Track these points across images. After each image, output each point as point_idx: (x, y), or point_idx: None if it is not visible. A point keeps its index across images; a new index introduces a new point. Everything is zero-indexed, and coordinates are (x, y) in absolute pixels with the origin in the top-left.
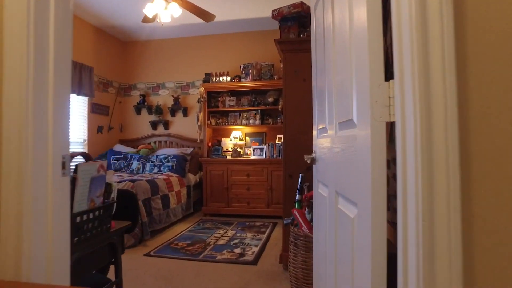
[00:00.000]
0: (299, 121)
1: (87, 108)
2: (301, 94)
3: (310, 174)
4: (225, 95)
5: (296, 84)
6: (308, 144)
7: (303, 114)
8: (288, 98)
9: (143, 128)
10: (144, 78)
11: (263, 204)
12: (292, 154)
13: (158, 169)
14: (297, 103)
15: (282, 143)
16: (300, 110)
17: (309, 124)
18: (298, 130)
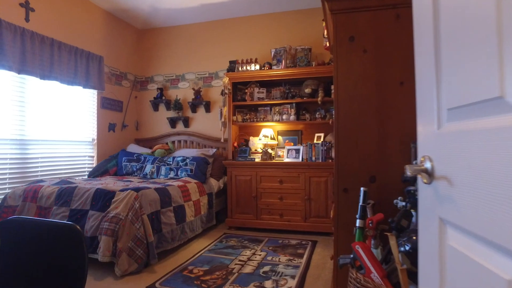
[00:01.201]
0: (357, 111)
1: (97, 103)
2: (361, 71)
3: (377, 187)
4: (254, 86)
5: (352, 57)
6: (372, 146)
7: (364, 101)
8: (341, 78)
9: (160, 125)
10: (161, 69)
11: (299, 217)
12: (347, 158)
13: (174, 173)
14: (354, 85)
15: (325, 143)
16: (359, 96)
17: (374, 115)
18: (357, 124)
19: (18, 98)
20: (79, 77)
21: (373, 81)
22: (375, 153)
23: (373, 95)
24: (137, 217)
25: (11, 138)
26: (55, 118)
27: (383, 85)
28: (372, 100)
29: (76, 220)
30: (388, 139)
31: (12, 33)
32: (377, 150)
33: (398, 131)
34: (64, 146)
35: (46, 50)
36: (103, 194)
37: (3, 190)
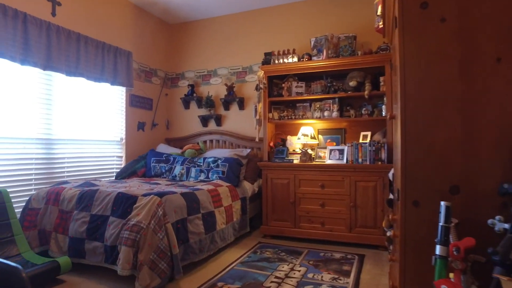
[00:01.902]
0: (432, 101)
1: (125, 101)
2: (437, 47)
3: (461, 201)
4: (291, 79)
5: (425, 29)
6: (453, 146)
7: (442, 87)
8: (410, 58)
9: (192, 124)
10: (193, 65)
11: (343, 227)
12: (419, 163)
13: (205, 175)
14: (427, 65)
15: (374, 142)
16: (435, 80)
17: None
18: (433, 118)
19: (44, 96)
20: (107, 73)
21: (455, 59)
22: (458, 156)
23: (455, 79)
24: (160, 226)
25: (37, 138)
26: (82, 116)
27: (470, 64)
28: (454, 86)
29: (96, 226)
30: (478, 137)
31: (38, 28)
32: (461, 152)
33: (493, 126)
34: (91, 146)
35: (72, 45)
36: (125, 199)
37: (28, 191)
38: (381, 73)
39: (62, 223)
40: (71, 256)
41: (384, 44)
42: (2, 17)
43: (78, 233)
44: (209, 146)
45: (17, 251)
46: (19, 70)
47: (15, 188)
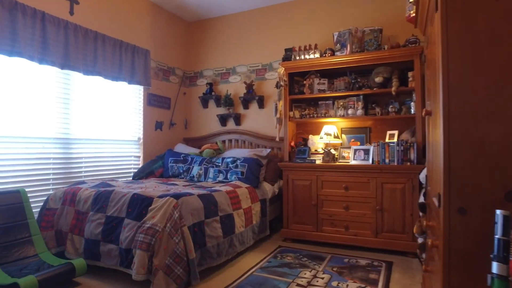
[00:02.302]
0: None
1: (143, 100)
2: (489, 29)
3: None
4: (313, 76)
5: (475, 8)
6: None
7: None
8: (455, 43)
9: (210, 123)
10: (211, 63)
11: (369, 231)
12: (466, 165)
13: (224, 176)
14: (476, 52)
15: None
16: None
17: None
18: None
19: (62, 95)
20: (124, 72)
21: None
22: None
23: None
24: (176, 229)
25: (54, 137)
26: (99, 116)
27: None
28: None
29: (111, 228)
30: None
31: (56, 27)
32: None
33: None
34: (108, 146)
35: (89, 43)
36: (140, 201)
37: (46, 191)
38: (409, 68)
39: (78, 224)
40: (87, 258)
41: (412, 37)
42: (21, 17)
43: (94, 235)
44: (228, 146)
45: (34, 252)
46: (37, 69)
47: (33, 188)
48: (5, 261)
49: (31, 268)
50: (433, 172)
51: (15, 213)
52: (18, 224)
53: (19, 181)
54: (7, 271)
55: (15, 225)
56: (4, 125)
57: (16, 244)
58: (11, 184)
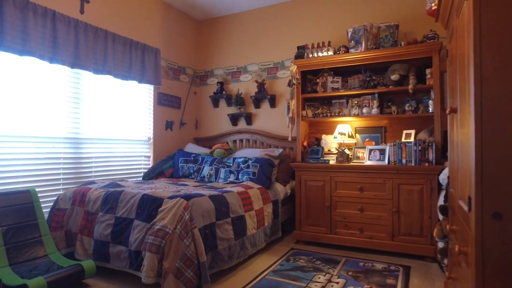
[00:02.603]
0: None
1: (153, 99)
2: None
3: None
4: (326, 74)
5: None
6: None
7: None
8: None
9: (221, 123)
10: (222, 62)
11: (385, 234)
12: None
13: (235, 177)
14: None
15: (420, 141)
16: None
17: None
18: None
19: (72, 94)
20: (134, 71)
21: None
22: None
23: None
24: (186, 232)
25: (64, 137)
26: (109, 115)
27: None
28: None
29: (121, 229)
30: None
31: (66, 26)
32: None
33: None
34: (119, 145)
35: (99, 42)
36: (150, 202)
37: (57, 191)
38: (427, 64)
39: (87, 225)
40: (96, 259)
41: (431, 32)
42: (32, 16)
43: (103, 236)
44: (239, 145)
45: (44, 252)
46: (48, 68)
47: (43, 188)
48: (15, 261)
49: (41, 269)
50: (458, 174)
51: (26, 213)
52: (29, 224)
53: (29, 181)
54: (17, 271)
55: (26, 225)
56: (15, 125)
57: (26, 245)
58: (22, 184)
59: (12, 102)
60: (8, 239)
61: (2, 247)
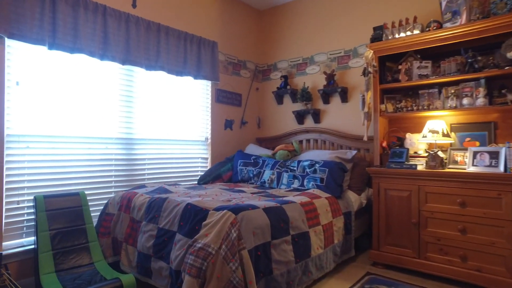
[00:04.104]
0: None
1: (211, 96)
2: None
3: None
4: (411, 59)
5: None
6: None
7: None
8: None
9: (285, 121)
10: (286, 54)
11: (501, 267)
12: None
13: (299, 183)
14: None
15: None
16: None
17: None
18: None
19: (125, 92)
20: (189, 66)
21: None
22: None
23: None
24: (233, 253)
25: (116, 137)
26: (163, 114)
27: None
28: None
29: (163, 243)
30: None
31: (117, 21)
32: None
33: None
34: (173, 146)
35: (152, 37)
36: (193, 213)
37: (108, 194)
38: None
39: (132, 233)
40: (139, 273)
41: None
42: (83, 12)
43: (145, 248)
44: (306, 146)
45: (90, 260)
46: (99, 66)
47: (94, 191)
48: (62, 268)
49: (84, 278)
50: None
51: (74, 217)
52: (76, 229)
53: (80, 183)
54: (61, 279)
55: (73, 230)
56: (67, 125)
57: (73, 251)
58: (73, 186)
59: (64, 102)
60: (56, 243)
61: (50, 252)
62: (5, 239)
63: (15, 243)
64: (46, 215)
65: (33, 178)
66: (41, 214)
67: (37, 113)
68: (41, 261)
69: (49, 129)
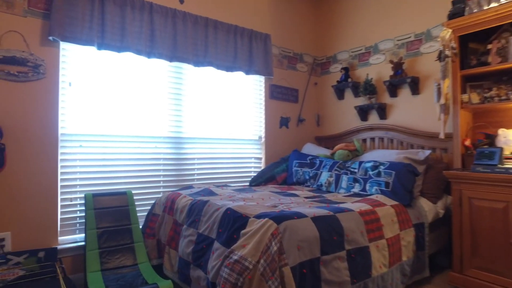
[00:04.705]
0: None
1: (264, 92)
2: None
3: None
4: (507, 35)
5: None
6: None
7: None
8: None
9: (347, 118)
10: (346, 43)
11: None
12: None
13: (361, 187)
14: None
15: None
16: None
17: None
18: None
19: (173, 90)
20: (240, 61)
21: None
22: None
23: None
24: (273, 270)
25: (165, 136)
26: (213, 112)
27: None
28: None
29: (202, 250)
30: None
31: (164, 17)
32: None
33: None
34: (224, 145)
35: (199, 32)
36: (232, 219)
37: (157, 194)
38: None
39: (175, 236)
40: (180, 279)
41: None
42: (130, 11)
43: (185, 254)
44: (370, 146)
45: (134, 261)
46: (147, 64)
47: (142, 190)
48: (106, 267)
49: (127, 280)
50: None
51: (120, 217)
52: (122, 229)
53: (130, 182)
54: (106, 279)
55: (119, 230)
56: (116, 125)
57: (119, 250)
58: (122, 185)
59: (114, 101)
60: (102, 242)
61: (96, 250)
62: (61, 234)
63: (69, 239)
64: (94, 213)
65: (85, 177)
66: (90, 212)
67: (88, 112)
68: (88, 259)
69: (100, 129)
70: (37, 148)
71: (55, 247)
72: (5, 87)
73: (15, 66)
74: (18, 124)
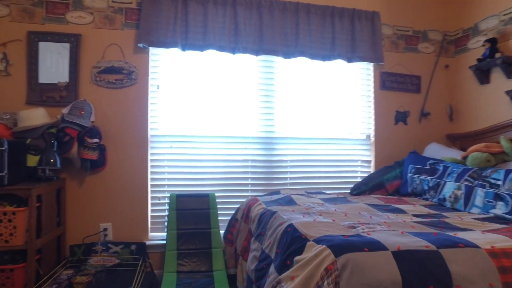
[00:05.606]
0: None
1: (373, 82)
2: None
3: None
4: None
5: None
6: None
7: None
8: None
9: (494, 108)
10: (493, 6)
11: None
12: None
13: (506, 208)
14: None
15: None
16: None
17: None
18: None
19: (263, 86)
20: (339, 47)
21: None
22: None
23: None
24: None
25: (254, 136)
26: (309, 108)
27: None
28: None
29: (262, 270)
30: None
31: (248, 9)
32: None
33: None
34: (322, 146)
35: (288, 19)
36: (290, 240)
37: (243, 198)
38: None
39: (248, 248)
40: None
41: None
42: (212, 7)
43: (250, 271)
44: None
45: (210, 267)
46: (233, 60)
47: (228, 193)
48: (182, 269)
49: (199, 286)
50: None
51: (201, 220)
52: (201, 232)
53: (216, 184)
54: (180, 282)
55: (199, 233)
56: (203, 125)
57: (195, 254)
58: (208, 186)
59: (201, 101)
60: (181, 244)
61: (174, 251)
62: (151, 231)
63: (158, 236)
64: (176, 214)
65: (172, 177)
66: (172, 213)
67: (177, 113)
68: (166, 259)
69: (189, 129)
70: (130, 149)
71: (144, 242)
72: (105, 94)
73: (113, 74)
74: (114, 127)
